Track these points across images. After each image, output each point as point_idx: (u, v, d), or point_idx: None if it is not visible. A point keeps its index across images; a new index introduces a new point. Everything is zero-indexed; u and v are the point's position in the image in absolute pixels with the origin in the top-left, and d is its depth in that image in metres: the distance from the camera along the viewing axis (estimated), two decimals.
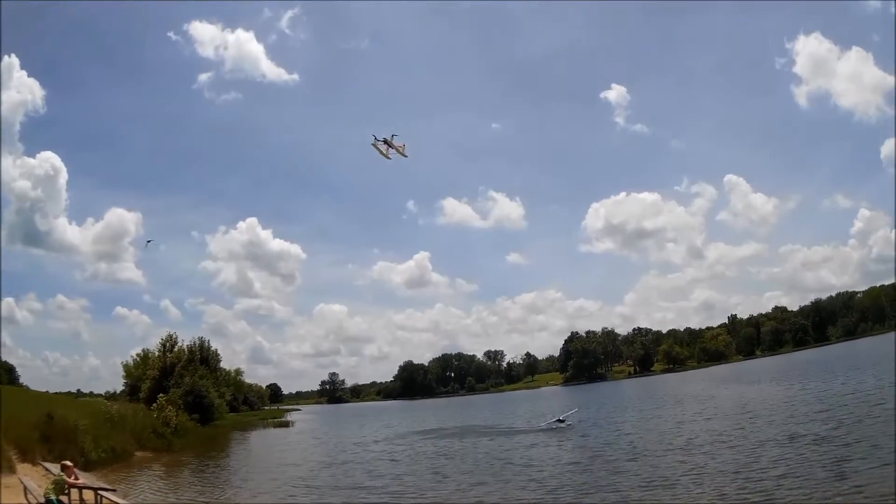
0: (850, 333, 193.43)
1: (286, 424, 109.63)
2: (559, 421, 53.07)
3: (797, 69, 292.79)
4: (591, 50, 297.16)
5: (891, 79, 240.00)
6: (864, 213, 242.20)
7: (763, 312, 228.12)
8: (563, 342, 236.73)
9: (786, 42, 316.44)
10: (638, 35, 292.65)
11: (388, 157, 44.74)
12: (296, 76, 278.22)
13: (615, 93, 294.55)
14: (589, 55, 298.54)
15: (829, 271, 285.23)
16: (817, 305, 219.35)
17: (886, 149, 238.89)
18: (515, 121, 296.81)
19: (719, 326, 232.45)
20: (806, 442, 28.84)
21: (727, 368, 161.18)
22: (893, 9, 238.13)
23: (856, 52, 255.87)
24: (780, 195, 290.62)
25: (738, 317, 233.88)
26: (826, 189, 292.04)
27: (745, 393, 64.93)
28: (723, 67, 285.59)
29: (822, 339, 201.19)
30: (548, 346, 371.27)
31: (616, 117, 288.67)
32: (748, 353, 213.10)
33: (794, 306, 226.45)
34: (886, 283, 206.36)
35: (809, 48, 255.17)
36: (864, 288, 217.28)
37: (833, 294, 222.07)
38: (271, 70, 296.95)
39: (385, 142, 44.48)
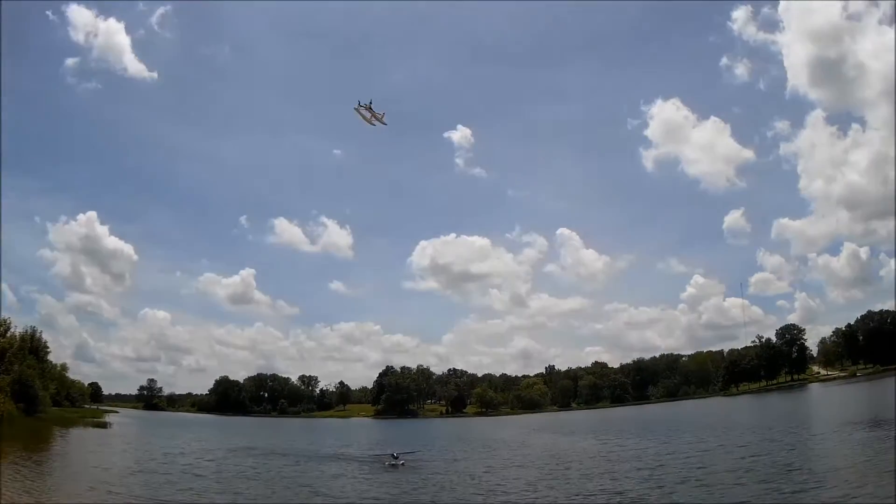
0: (672, 395, 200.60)
1: (104, 425, 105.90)
2: (393, 457, 48.97)
3: (649, 132, 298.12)
4: (442, 88, 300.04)
5: (746, 151, 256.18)
6: (698, 279, 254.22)
7: (582, 366, 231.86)
8: (377, 375, 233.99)
9: (642, 104, 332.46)
10: (492, 80, 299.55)
11: (372, 124, 46.72)
12: (155, 74, 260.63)
13: (459, 134, 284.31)
14: (440, 94, 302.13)
15: (655, 332, 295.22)
16: (639, 364, 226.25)
17: (730, 219, 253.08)
18: (357, 150, 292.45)
19: (536, 375, 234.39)
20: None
21: (542, 417, 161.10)
22: (761, 83, 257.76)
23: (713, 122, 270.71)
24: (612, 254, 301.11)
25: (556, 368, 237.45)
26: (661, 252, 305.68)
27: (559, 443, 64.04)
28: (573, 122, 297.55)
29: (641, 397, 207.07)
30: (362, 377, 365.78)
31: (457, 158, 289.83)
32: (563, 405, 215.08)
33: (614, 363, 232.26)
34: (714, 349, 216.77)
35: (665, 113, 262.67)
36: (689, 352, 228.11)
37: (657, 355, 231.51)
38: (133, 65, 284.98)
39: (367, 108, 45.86)
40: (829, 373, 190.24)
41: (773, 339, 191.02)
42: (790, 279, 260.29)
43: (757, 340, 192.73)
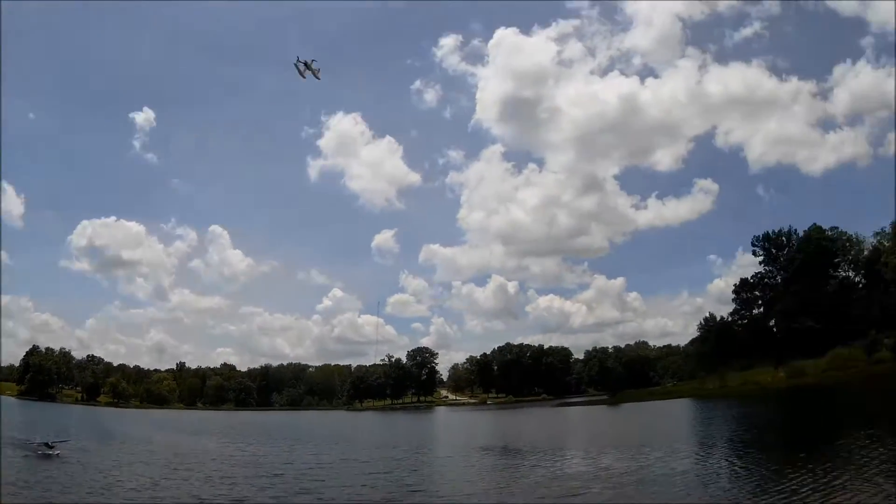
0: (295, 404, 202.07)
1: None
2: (47, 445, 43.33)
3: (321, 142, 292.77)
4: (140, 68, 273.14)
5: (413, 175, 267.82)
6: (336, 292, 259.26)
7: (212, 366, 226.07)
8: (24, 353, 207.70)
9: (322, 114, 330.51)
10: (191, 69, 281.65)
11: (304, 77, 47.51)
12: None
13: (144, 117, 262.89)
14: (138, 73, 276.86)
15: (286, 340, 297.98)
16: (267, 370, 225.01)
17: (381, 238, 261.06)
18: (50, 117, 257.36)
19: (167, 371, 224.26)
20: None
21: (169, 414, 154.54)
22: (448, 111, 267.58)
23: (387, 142, 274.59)
24: (257, 257, 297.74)
25: (186, 365, 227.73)
26: (305, 262, 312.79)
27: (184, 442, 61.50)
28: (253, 122, 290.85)
29: (265, 403, 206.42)
30: (12, 354, 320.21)
31: (135, 140, 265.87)
32: (190, 403, 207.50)
33: (243, 367, 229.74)
34: (342, 363, 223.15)
35: (342, 126, 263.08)
36: (318, 363, 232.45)
37: (285, 363, 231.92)
38: None
39: (305, 64, 47.06)
40: (458, 397, 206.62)
41: (404, 359, 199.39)
42: (430, 304, 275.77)
43: (386, 359, 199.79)
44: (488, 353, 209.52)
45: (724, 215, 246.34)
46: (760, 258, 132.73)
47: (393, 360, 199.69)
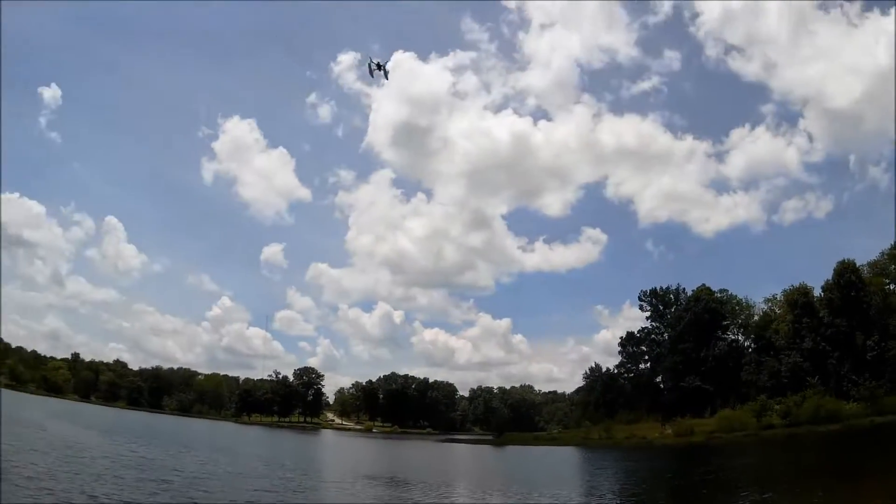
0: (185, 410, 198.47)
1: None
2: None
3: (216, 145, 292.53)
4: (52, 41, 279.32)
5: (304, 190, 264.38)
6: (226, 301, 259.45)
7: (105, 361, 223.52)
8: None
9: (220, 116, 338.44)
10: (96, 50, 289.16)
11: (372, 77, 48.71)
12: None
13: (52, 92, 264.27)
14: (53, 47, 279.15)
15: (177, 344, 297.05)
16: (157, 372, 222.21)
17: (270, 251, 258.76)
18: None
19: (62, 359, 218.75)
20: None
21: (64, 404, 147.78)
22: (340, 130, 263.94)
23: (280, 153, 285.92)
24: (151, 254, 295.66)
25: (80, 356, 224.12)
26: (197, 266, 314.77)
27: (79, 435, 60.17)
28: (154, 114, 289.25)
29: (156, 405, 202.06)
30: None
31: (41, 117, 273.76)
32: (84, 396, 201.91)
33: (135, 365, 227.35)
34: (230, 373, 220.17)
35: (237, 131, 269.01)
36: (207, 371, 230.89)
37: (175, 367, 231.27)
38: None
39: (378, 65, 48.17)
40: (344, 422, 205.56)
41: (291, 377, 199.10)
42: (317, 324, 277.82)
43: (273, 375, 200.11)
44: (374, 380, 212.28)
45: (611, 266, 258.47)
46: (647, 313, 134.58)
47: (280, 376, 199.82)
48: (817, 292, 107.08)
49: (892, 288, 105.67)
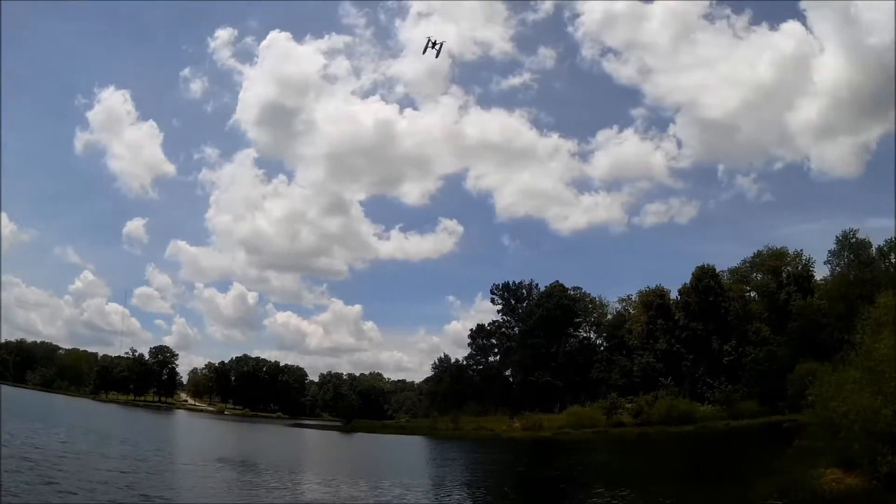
0: (47, 385, 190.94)
1: None
2: None
3: (90, 115, 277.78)
4: None
5: (169, 165, 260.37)
6: (88, 275, 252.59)
7: None
8: None
9: (96, 86, 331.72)
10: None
11: (423, 53, 54.52)
12: None
13: None
14: None
15: (39, 317, 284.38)
16: (21, 345, 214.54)
17: (132, 226, 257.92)
18: None
19: None
20: None
21: None
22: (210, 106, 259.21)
23: (149, 126, 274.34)
24: (21, 224, 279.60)
25: None
26: (63, 238, 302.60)
27: None
28: (33, 83, 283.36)
29: (20, 380, 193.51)
30: None
31: None
32: None
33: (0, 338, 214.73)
34: (89, 349, 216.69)
35: (110, 102, 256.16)
36: (68, 346, 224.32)
37: (38, 340, 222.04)
38: None
39: (434, 44, 53.65)
40: (198, 403, 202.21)
41: (146, 355, 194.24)
42: (173, 301, 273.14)
43: (130, 353, 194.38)
44: (227, 361, 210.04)
45: (465, 258, 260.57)
46: (499, 307, 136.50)
47: (136, 354, 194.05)
48: (674, 295, 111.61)
49: (752, 296, 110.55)
